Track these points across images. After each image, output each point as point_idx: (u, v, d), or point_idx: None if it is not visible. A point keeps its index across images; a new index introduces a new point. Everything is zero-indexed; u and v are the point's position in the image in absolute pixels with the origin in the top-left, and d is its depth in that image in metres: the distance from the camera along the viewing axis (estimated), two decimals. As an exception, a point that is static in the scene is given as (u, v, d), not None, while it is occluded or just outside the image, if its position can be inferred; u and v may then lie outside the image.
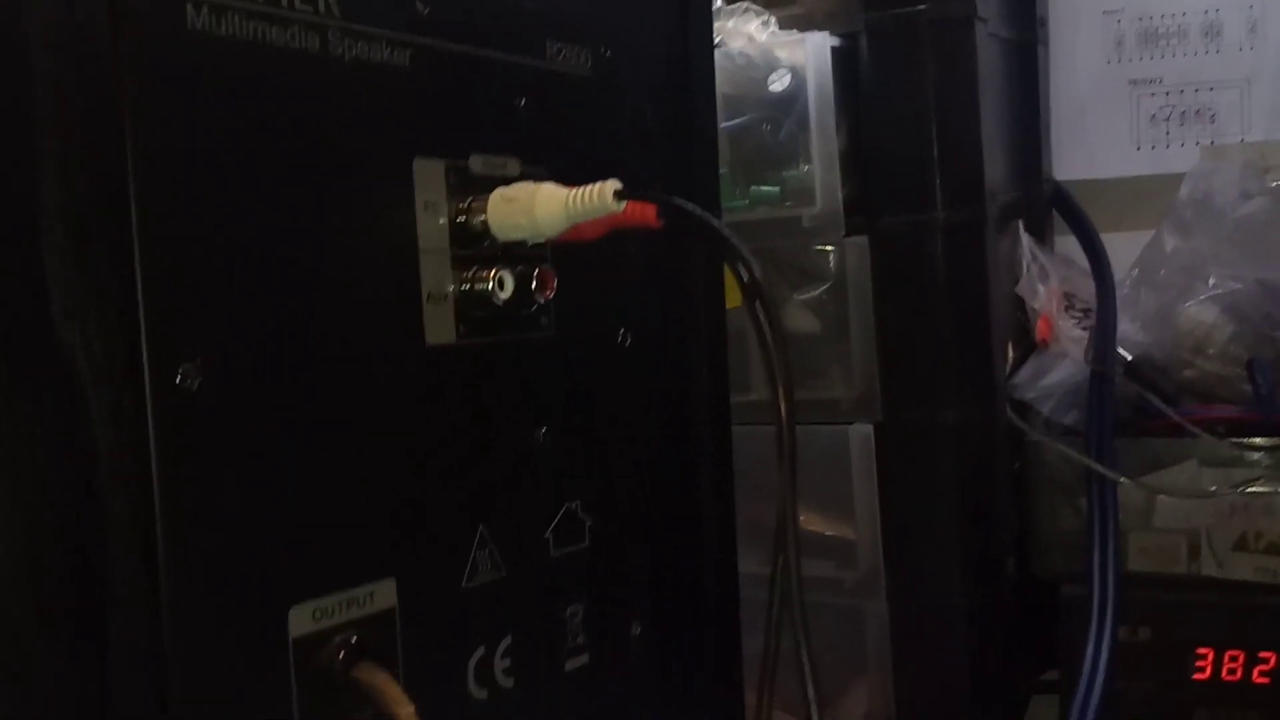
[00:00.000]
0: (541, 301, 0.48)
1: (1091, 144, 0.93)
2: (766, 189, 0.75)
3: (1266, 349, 0.76)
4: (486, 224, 0.46)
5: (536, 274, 0.47)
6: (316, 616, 0.41)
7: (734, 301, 0.69)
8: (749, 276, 0.44)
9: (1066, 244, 0.90)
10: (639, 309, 0.55)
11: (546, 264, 0.48)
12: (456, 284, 0.46)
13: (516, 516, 0.49)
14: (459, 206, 0.46)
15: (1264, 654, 0.72)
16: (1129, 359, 0.78)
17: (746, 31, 0.75)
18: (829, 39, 0.74)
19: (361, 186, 0.43)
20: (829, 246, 0.76)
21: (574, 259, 0.50)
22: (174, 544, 0.36)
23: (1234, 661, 0.73)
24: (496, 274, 0.46)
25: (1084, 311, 0.82)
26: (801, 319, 0.77)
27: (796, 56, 0.73)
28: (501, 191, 0.46)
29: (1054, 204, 0.91)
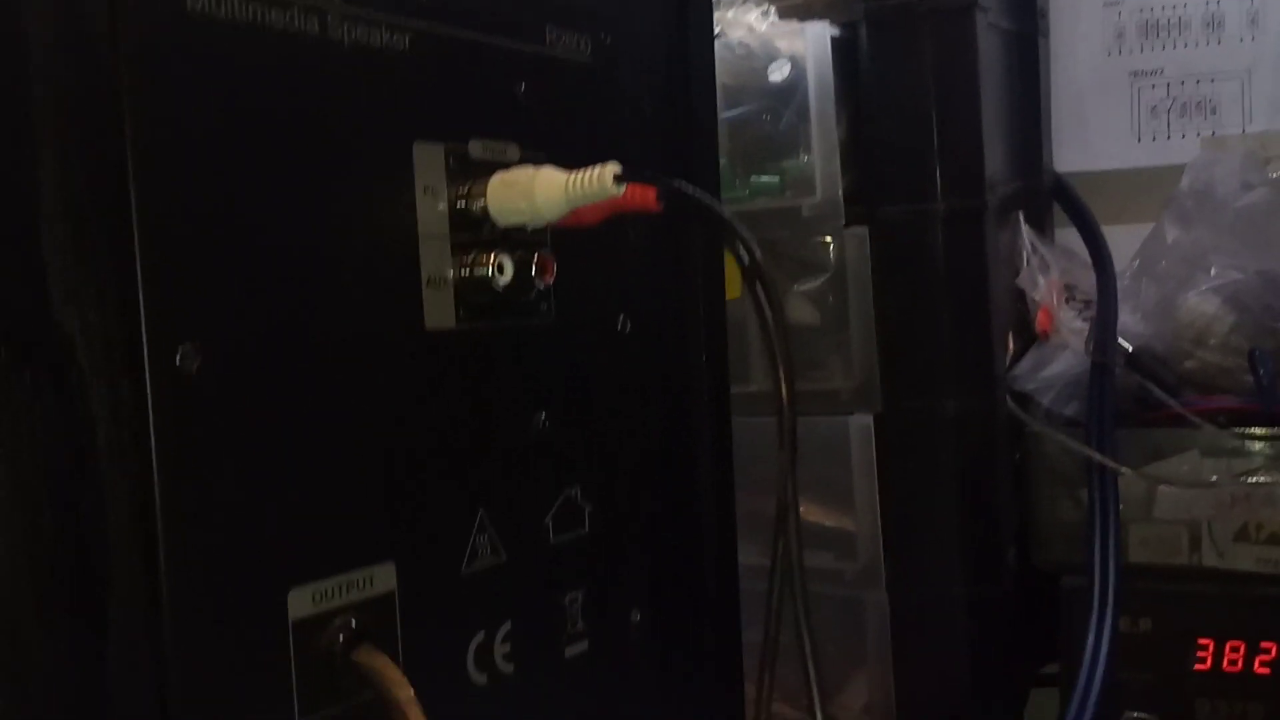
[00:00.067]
0: (541, 287, 0.48)
1: (1092, 136, 0.93)
2: (766, 179, 0.75)
3: (1268, 340, 0.76)
4: (486, 209, 0.46)
5: (536, 259, 0.47)
6: (316, 599, 0.41)
7: (734, 292, 0.70)
8: (750, 259, 0.44)
9: (1067, 236, 0.90)
10: (639, 295, 0.55)
11: (546, 249, 0.48)
12: (456, 269, 0.46)
13: (516, 502, 0.49)
14: (459, 191, 0.46)
15: (1265, 644, 0.72)
16: (1130, 350, 0.78)
17: (746, 22, 0.75)
18: (829, 29, 0.74)
19: (361, 170, 0.43)
20: (828, 238, 0.76)
21: (574, 245, 0.50)
22: (173, 526, 0.36)
23: (1235, 652, 0.73)
24: (496, 259, 0.46)
25: (1085, 303, 0.82)
26: (801, 310, 0.77)
27: (796, 46, 0.73)
28: (501, 175, 0.46)
29: (1054, 196, 0.91)
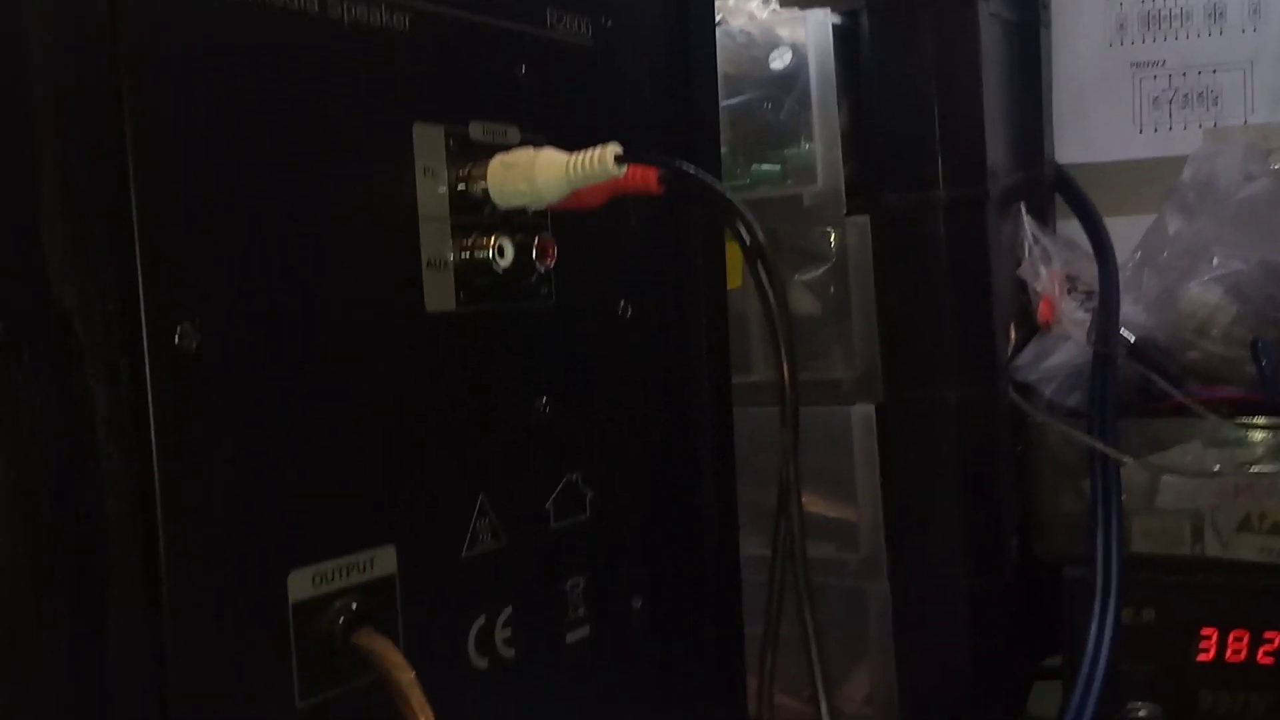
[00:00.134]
0: (542, 270, 0.48)
1: (1094, 127, 0.92)
2: (767, 168, 0.75)
3: (1270, 330, 0.75)
4: (486, 191, 0.46)
5: (537, 242, 0.47)
6: (316, 582, 0.40)
7: (735, 281, 0.69)
8: (751, 239, 0.43)
9: (1069, 228, 0.90)
10: (640, 281, 0.54)
11: (547, 232, 0.48)
12: (456, 251, 0.46)
13: (517, 486, 0.48)
14: (459, 173, 0.46)
15: (1269, 635, 0.72)
16: (1132, 340, 0.78)
17: (748, 9, 0.74)
18: (830, 16, 0.74)
19: (360, 150, 0.43)
20: (829, 227, 0.75)
21: (575, 230, 0.50)
22: (172, 505, 0.36)
23: (1238, 642, 0.73)
24: (496, 242, 0.46)
25: (1087, 294, 0.82)
26: (802, 300, 0.77)
27: (797, 34, 0.73)
28: (501, 157, 0.46)
29: (1056, 187, 0.90)
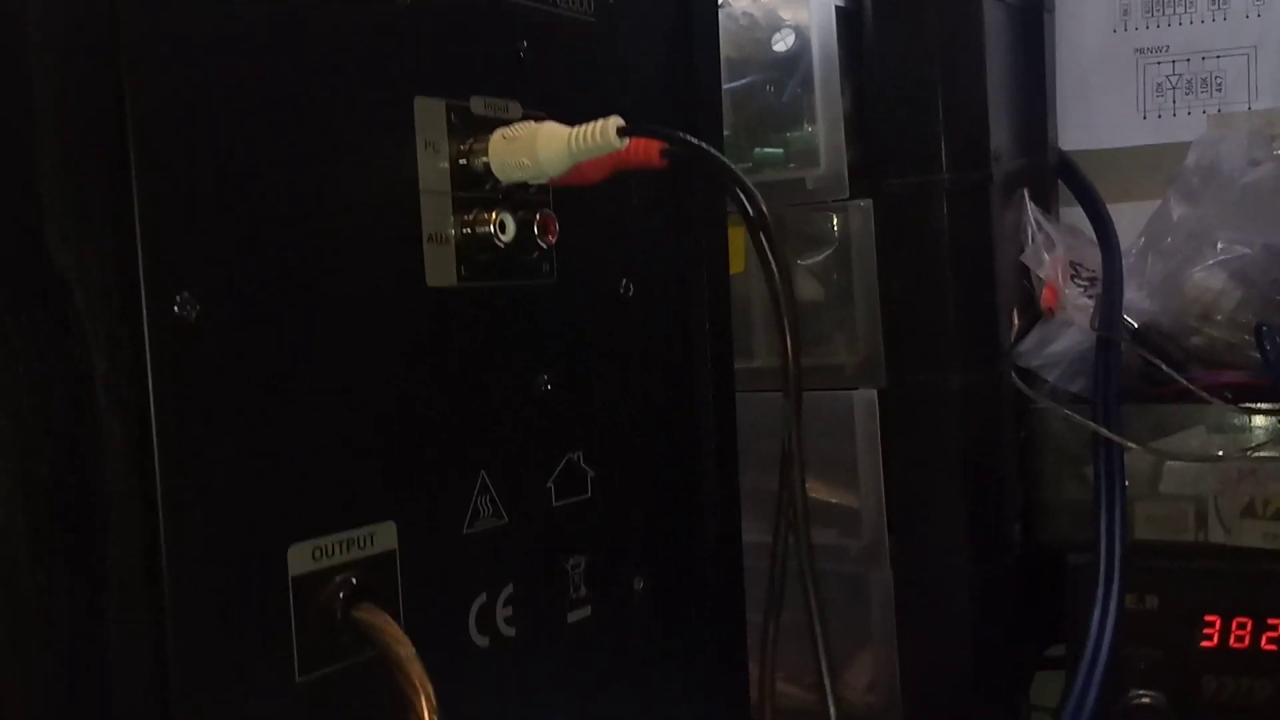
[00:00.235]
0: (544, 246, 0.47)
1: (1097, 113, 0.92)
2: (770, 151, 0.75)
3: (1274, 315, 0.75)
4: (488, 165, 0.45)
5: (538, 218, 0.47)
6: (316, 556, 0.40)
7: (738, 266, 0.69)
8: (754, 209, 0.43)
9: (1072, 214, 0.89)
10: (642, 259, 0.54)
11: (548, 209, 0.48)
12: (458, 226, 0.45)
13: (518, 464, 0.48)
14: (460, 148, 0.45)
15: (1272, 621, 0.72)
16: (1135, 326, 0.78)
17: (750, -8, 0.74)
18: (833, -2, 0.74)
19: (361, 122, 0.42)
20: (832, 212, 0.75)
21: (577, 207, 0.49)
22: (171, 474, 0.36)
23: (1242, 629, 0.72)
24: (498, 217, 0.45)
25: (1090, 280, 0.81)
26: (805, 285, 0.76)
27: (800, 16, 0.73)
28: (503, 131, 0.45)
29: (1059, 174, 0.90)
